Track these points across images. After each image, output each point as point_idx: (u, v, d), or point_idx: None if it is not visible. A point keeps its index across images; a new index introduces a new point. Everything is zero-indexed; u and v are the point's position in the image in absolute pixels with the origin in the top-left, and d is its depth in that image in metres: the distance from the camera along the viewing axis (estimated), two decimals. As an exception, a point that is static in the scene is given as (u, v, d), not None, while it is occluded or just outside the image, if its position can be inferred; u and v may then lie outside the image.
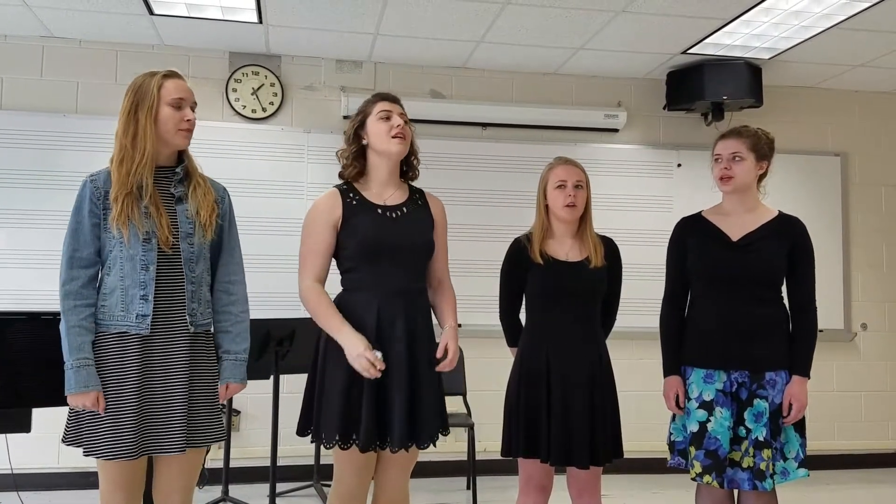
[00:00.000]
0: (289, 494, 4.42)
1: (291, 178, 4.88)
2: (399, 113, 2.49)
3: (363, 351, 2.31)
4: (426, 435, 2.42)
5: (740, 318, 2.66)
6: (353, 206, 2.46)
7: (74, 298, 2.24)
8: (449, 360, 2.44)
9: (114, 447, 2.20)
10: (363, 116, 2.51)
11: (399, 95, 2.57)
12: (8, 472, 3.80)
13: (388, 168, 2.51)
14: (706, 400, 2.65)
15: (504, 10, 4.19)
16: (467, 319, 4.85)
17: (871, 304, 5.50)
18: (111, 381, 2.23)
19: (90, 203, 2.27)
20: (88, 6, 4.22)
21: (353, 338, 2.34)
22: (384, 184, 2.52)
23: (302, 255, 2.48)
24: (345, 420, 2.35)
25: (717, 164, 2.77)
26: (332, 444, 2.37)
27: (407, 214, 2.50)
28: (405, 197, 2.54)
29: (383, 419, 2.37)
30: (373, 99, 2.53)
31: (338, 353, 2.38)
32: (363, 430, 2.33)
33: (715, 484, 2.60)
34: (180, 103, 2.32)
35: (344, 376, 2.37)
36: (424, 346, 2.45)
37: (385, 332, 2.39)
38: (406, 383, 2.38)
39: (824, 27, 4.39)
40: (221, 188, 2.48)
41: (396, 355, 2.38)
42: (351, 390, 2.36)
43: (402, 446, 2.37)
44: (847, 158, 5.55)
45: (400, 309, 2.41)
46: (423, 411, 2.41)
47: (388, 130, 2.45)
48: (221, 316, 2.42)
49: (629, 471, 4.49)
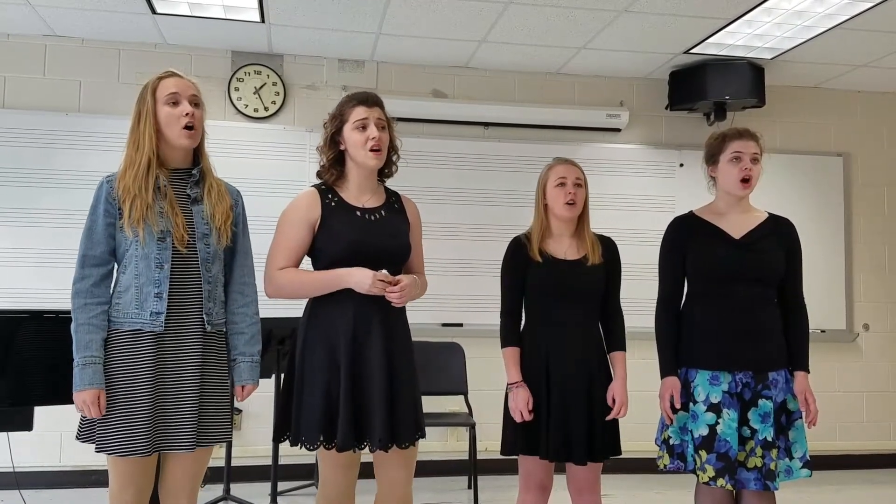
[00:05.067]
0: (290, 493, 4.42)
1: (293, 178, 4.87)
2: (377, 118, 2.43)
3: (373, 278, 2.32)
4: (406, 435, 2.40)
5: (744, 317, 2.65)
6: (332, 207, 2.45)
7: (85, 297, 2.25)
8: (399, 286, 2.36)
9: (127, 444, 2.20)
10: (340, 122, 2.46)
11: (401, 95, 2.56)
12: (10, 471, 3.81)
13: (365, 173, 2.49)
14: (713, 402, 2.62)
15: (507, 10, 4.20)
16: (468, 319, 4.88)
17: (874, 305, 5.49)
18: (125, 378, 2.23)
19: (105, 203, 2.28)
20: (91, 5, 4.23)
21: (358, 271, 2.34)
22: (362, 187, 2.50)
23: (273, 249, 2.46)
24: (327, 420, 2.34)
25: (737, 162, 2.70)
26: (314, 447, 2.36)
27: (385, 217, 2.50)
28: (382, 200, 2.53)
29: (362, 420, 2.35)
30: (350, 102, 2.46)
31: (316, 356, 2.38)
32: (341, 431, 2.32)
33: (729, 487, 2.58)
34: (175, 98, 2.31)
35: (323, 379, 2.36)
36: (401, 347, 2.45)
37: (361, 333, 2.38)
38: (385, 384, 2.36)
39: (827, 27, 4.39)
40: (235, 191, 2.48)
41: (373, 356, 2.37)
42: (330, 392, 2.35)
43: (381, 447, 2.35)
44: (849, 159, 5.54)
45: (376, 310, 2.39)
46: (401, 412, 2.39)
47: (364, 143, 2.41)
48: (237, 317, 2.42)
49: (631, 471, 4.49)
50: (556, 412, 2.62)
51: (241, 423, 4.73)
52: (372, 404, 2.35)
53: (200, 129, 2.36)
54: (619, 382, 2.67)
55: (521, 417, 2.61)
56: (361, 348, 2.37)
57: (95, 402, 2.20)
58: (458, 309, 4.85)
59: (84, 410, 2.22)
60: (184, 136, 2.31)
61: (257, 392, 2.51)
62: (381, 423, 2.33)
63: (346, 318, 2.38)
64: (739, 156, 2.71)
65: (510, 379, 2.68)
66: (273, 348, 3.81)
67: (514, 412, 2.63)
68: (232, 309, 2.42)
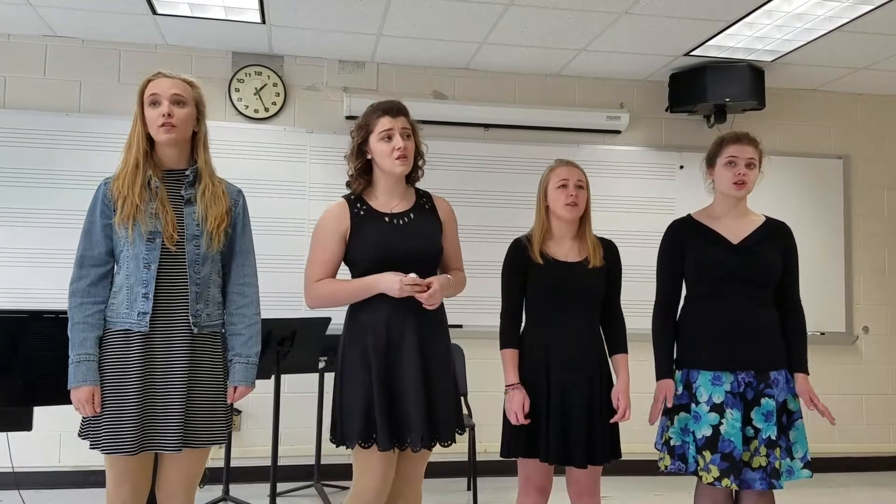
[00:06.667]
0: (289, 494, 4.42)
1: (293, 179, 4.88)
2: (401, 128, 2.48)
3: (401, 282, 2.36)
4: (444, 434, 2.45)
5: (745, 319, 2.67)
6: (361, 217, 2.50)
7: (81, 296, 2.29)
8: (429, 291, 2.40)
9: (115, 442, 2.23)
10: (366, 133, 2.50)
11: (402, 96, 2.58)
12: (9, 471, 3.81)
13: (393, 180, 2.54)
14: (716, 403, 2.63)
15: (507, 12, 4.20)
16: (468, 320, 4.87)
17: (873, 308, 5.50)
18: (115, 378, 2.26)
19: (101, 204, 2.32)
20: (92, 5, 4.23)
21: (386, 276, 2.39)
22: (390, 193, 2.55)
23: (309, 262, 2.54)
24: (365, 420, 2.39)
25: (732, 167, 2.73)
26: (352, 445, 2.41)
27: (414, 220, 2.54)
28: (412, 203, 2.58)
29: (400, 422, 2.40)
30: (375, 112, 2.50)
31: (356, 359, 2.44)
32: (380, 431, 2.36)
33: (734, 487, 2.59)
34: (155, 99, 2.32)
35: (361, 381, 2.41)
36: (436, 350, 2.49)
37: (395, 334, 2.43)
38: (421, 385, 2.41)
39: (827, 30, 4.39)
40: (236, 191, 2.49)
41: (408, 357, 2.42)
42: (367, 394, 2.40)
43: (424, 445, 2.40)
44: (849, 161, 5.54)
45: (410, 314, 2.44)
46: (439, 411, 2.44)
47: (391, 152, 2.46)
48: (235, 318, 2.43)
49: (631, 472, 4.48)
50: (556, 415, 2.62)
51: (240, 423, 4.73)
52: (408, 404, 2.40)
53: (183, 127, 2.34)
54: (623, 386, 2.68)
55: (517, 420, 2.61)
56: (396, 350, 2.42)
57: (90, 400, 2.23)
58: (459, 310, 4.80)
59: (79, 408, 2.26)
60: (160, 133, 2.31)
61: (256, 393, 2.51)
62: (420, 422, 2.38)
63: (380, 321, 2.43)
64: (734, 160, 2.74)
65: (507, 381, 2.69)
66: (273, 349, 3.81)
67: (510, 414, 2.63)
68: (230, 310, 2.43)
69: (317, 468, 4.49)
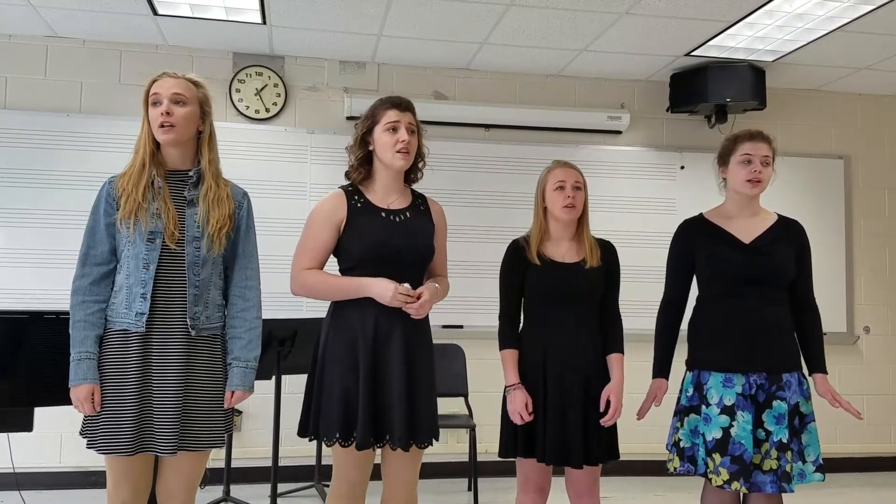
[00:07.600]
0: (290, 495, 4.42)
1: (294, 179, 4.88)
2: (408, 123, 2.48)
3: (394, 290, 2.35)
4: (423, 435, 2.44)
5: (756, 320, 2.64)
6: (358, 208, 2.49)
7: (83, 294, 2.29)
8: (419, 302, 2.40)
9: (112, 442, 2.23)
10: (371, 123, 2.50)
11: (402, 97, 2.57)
12: (10, 471, 3.81)
13: (392, 175, 2.53)
14: (727, 405, 2.60)
15: (508, 12, 4.20)
16: (468, 321, 4.88)
17: (874, 308, 5.49)
18: (113, 378, 2.26)
19: (105, 203, 2.32)
20: (93, 6, 4.23)
21: (380, 282, 2.38)
22: (388, 188, 2.54)
23: (298, 248, 2.51)
24: (345, 417, 2.37)
25: (747, 164, 2.70)
26: (332, 442, 2.39)
27: (410, 219, 2.54)
28: (408, 202, 2.57)
29: (381, 418, 2.39)
30: (383, 105, 2.51)
31: (337, 354, 2.42)
32: (360, 428, 2.35)
33: (744, 490, 2.56)
34: (156, 98, 2.33)
35: (342, 376, 2.40)
36: (421, 352, 2.48)
37: (382, 335, 2.42)
38: (404, 385, 2.40)
39: (828, 30, 4.39)
40: (241, 193, 2.48)
41: (394, 358, 2.41)
42: (349, 389, 2.39)
43: (403, 445, 2.38)
44: (850, 161, 5.54)
45: (397, 316, 2.43)
46: (420, 413, 2.43)
47: (393, 144, 2.45)
48: (236, 321, 2.42)
49: (631, 473, 4.49)
50: (554, 415, 2.62)
51: (241, 424, 4.73)
52: (391, 403, 2.39)
53: (183, 126, 2.34)
54: (615, 385, 2.66)
55: (521, 419, 2.61)
56: (382, 349, 2.41)
57: (89, 399, 2.23)
58: (459, 311, 4.84)
59: (78, 406, 2.25)
60: (160, 133, 2.32)
61: (258, 393, 2.51)
62: (401, 422, 2.37)
63: (368, 320, 2.42)
64: (750, 158, 2.70)
65: (508, 381, 2.68)
66: (273, 349, 3.81)
67: (513, 415, 2.63)
68: (231, 313, 2.42)
69: (317, 468, 4.49)
